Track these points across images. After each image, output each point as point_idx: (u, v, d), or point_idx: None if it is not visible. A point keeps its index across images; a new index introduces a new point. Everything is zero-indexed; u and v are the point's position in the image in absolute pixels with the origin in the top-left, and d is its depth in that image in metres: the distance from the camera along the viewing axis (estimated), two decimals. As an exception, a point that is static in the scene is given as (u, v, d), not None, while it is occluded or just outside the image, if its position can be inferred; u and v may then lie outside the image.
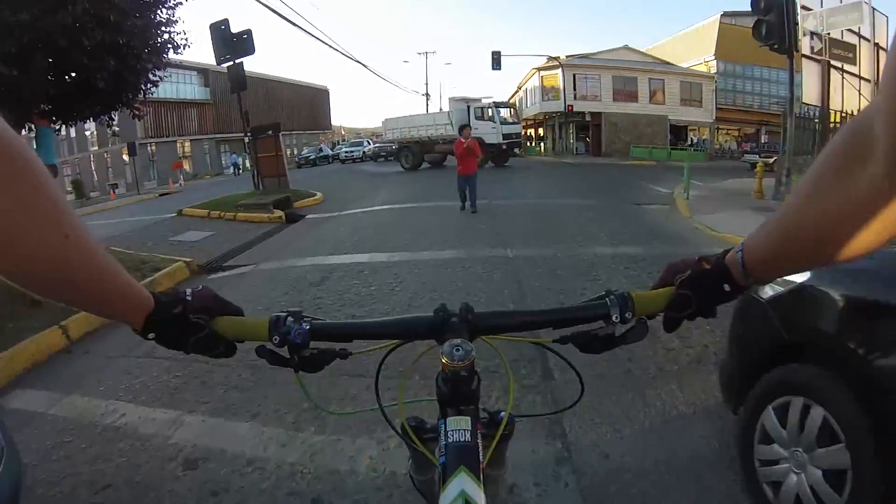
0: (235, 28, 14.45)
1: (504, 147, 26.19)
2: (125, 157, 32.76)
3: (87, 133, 44.33)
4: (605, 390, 3.28)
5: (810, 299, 2.08)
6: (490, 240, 8.02)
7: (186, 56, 8.65)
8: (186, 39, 8.08)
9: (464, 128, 10.86)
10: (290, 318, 0.82)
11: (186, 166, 44.97)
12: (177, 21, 7.95)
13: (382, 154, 38.71)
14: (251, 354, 0.83)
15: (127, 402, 3.57)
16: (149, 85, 8.10)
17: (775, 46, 7.60)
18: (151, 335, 0.78)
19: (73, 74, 6.77)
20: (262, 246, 8.99)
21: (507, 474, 1.16)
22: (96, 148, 45.95)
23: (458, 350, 0.78)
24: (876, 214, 0.57)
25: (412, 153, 28.09)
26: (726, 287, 0.77)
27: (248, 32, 14.21)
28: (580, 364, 0.98)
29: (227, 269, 7.51)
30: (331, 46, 25.93)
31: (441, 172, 22.78)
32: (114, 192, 33.57)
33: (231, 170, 43.67)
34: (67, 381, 4.01)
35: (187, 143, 46.42)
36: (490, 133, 25.57)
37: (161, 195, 26.43)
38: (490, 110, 26.70)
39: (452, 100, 28.74)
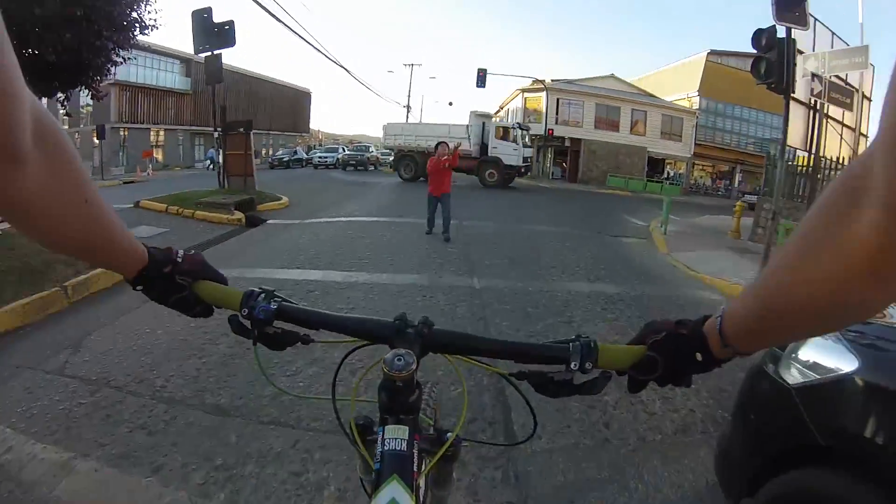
0: (219, 18, 13.82)
1: (522, 170, 25.95)
2: (95, 140, 31.54)
3: (61, 112, 43.00)
4: (580, 466, 2.85)
5: (857, 395, 1.64)
6: (457, 265, 7.51)
7: (170, 44, 8.13)
8: (156, 21, 7.52)
9: (440, 144, 9.90)
10: (262, 295, 0.90)
11: (158, 156, 43.98)
12: (150, 2, 7.41)
13: (351, 163, 38.17)
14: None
15: (18, 432, 3.02)
16: (110, 65, 7.48)
17: (773, 85, 7.37)
18: (140, 287, 0.88)
19: (28, 48, 6.19)
20: (213, 250, 8.37)
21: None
22: (66, 128, 44.47)
23: (399, 360, 0.79)
24: (876, 266, 0.49)
25: (415, 163, 26.62)
26: (698, 356, 0.75)
27: (231, 23, 13.61)
28: (547, 403, 0.81)
29: (172, 273, 6.93)
30: (316, 49, 25.49)
31: (421, 186, 22.34)
32: (77, 175, 32.37)
33: (206, 164, 42.64)
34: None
35: (161, 132, 45.30)
36: (511, 154, 25.35)
37: (125, 182, 25.75)
38: (514, 131, 26.24)
39: (474, 114, 27.56)
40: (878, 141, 0.47)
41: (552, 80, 38.58)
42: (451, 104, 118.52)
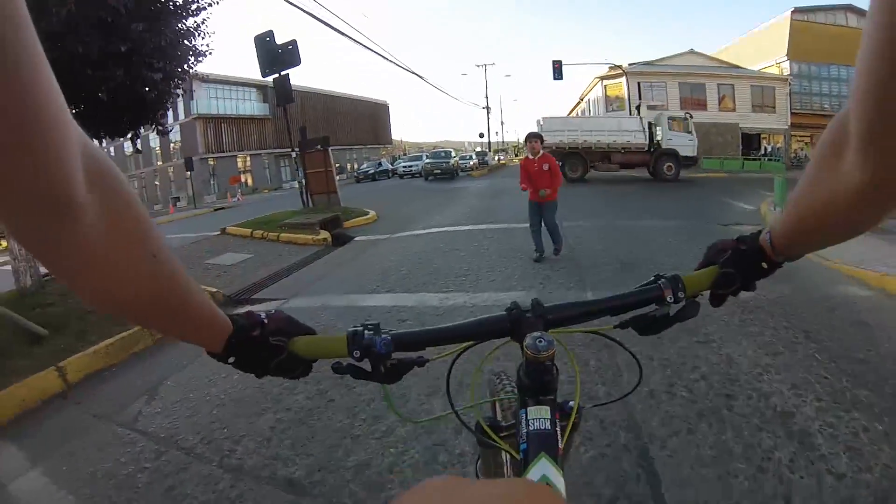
0: (281, 39, 13.76)
1: (691, 162, 24.38)
2: (186, 173, 33.15)
3: (130, 150, 45.90)
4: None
5: None
6: (564, 276, 6.57)
7: (244, 73, 7.93)
8: (208, 46, 7.21)
9: (533, 138, 7.48)
10: (367, 331, 0.85)
11: (248, 180, 45.76)
12: (202, 30, 7.13)
13: (436, 171, 32.52)
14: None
15: (80, 499, 2.78)
16: (169, 98, 7.26)
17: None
18: (231, 359, 0.81)
19: (84, 90, 6.01)
20: (297, 275, 7.98)
21: None
22: (160, 163, 47.22)
23: (540, 341, 0.80)
24: (861, 195, 0.59)
25: (581, 161, 24.87)
26: (764, 265, 0.85)
27: (294, 43, 13.51)
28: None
29: (254, 303, 6.59)
30: (387, 59, 25.14)
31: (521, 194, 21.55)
32: (173, 205, 34.15)
33: (295, 184, 43.88)
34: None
35: (247, 158, 47.18)
36: (686, 145, 24.01)
37: (216, 209, 26.66)
38: (687, 122, 24.72)
39: (650, 107, 26.28)
40: (852, 92, 0.52)
41: (630, 64, 36.79)
42: (515, 100, 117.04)
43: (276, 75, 13.86)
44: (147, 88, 6.63)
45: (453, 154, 38.42)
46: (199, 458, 3.01)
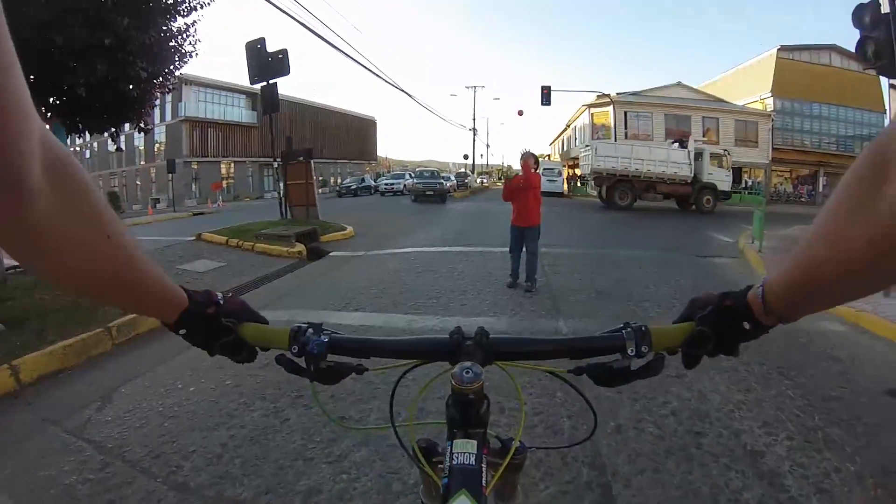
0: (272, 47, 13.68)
1: (726, 196, 24.59)
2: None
3: (112, 148, 45.39)
4: None
5: None
6: (538, 302, 6.46)
7: (235, 79, 7.82)
8: (194, 46, 7.09)
9: (528, 156, 7.24)
10: (310, 330, 0.87)
11: (229, 187, 45.43)
12: (190, 33, 7.02)
13: (428, 192, 28.76)
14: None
15: None
16: (151, 98, 7.12)
17: (883, 70, 6.27)
18: (182, 331, 0.82)
19: (64, 83, 5.86)
20: (268, 287, 7.84)
21: None
22: (143, 163, 46.72)
23: (467, 373, 0.79)
24: None
25: (630, 188, 24.51)
26: (746, 325, 0.77)
27: (284, 52, 13.43)
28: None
29: (222, 313, 6.44)
30: (377, 75, 25.18)
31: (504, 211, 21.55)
32: (153, 207, 33.77)
33: (277, 194, 43.56)
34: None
35: (231, 165, 46.88)
36: (724, 181, 24.41)
37: (195, 214, 26.31)
38: (725, 159, 25.22)
39: (695, 140, 26.24)
40: None
41: (618, 94, 37.28)
42: (502, 124, 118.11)
43: (265, 83, 13.77)
44: (130, 86, 6.49)
45: (441, 174, 37.59)
46: (144, 472, 2.85)
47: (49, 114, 6.22)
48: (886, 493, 2.54)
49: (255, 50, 13.56)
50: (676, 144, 25.53)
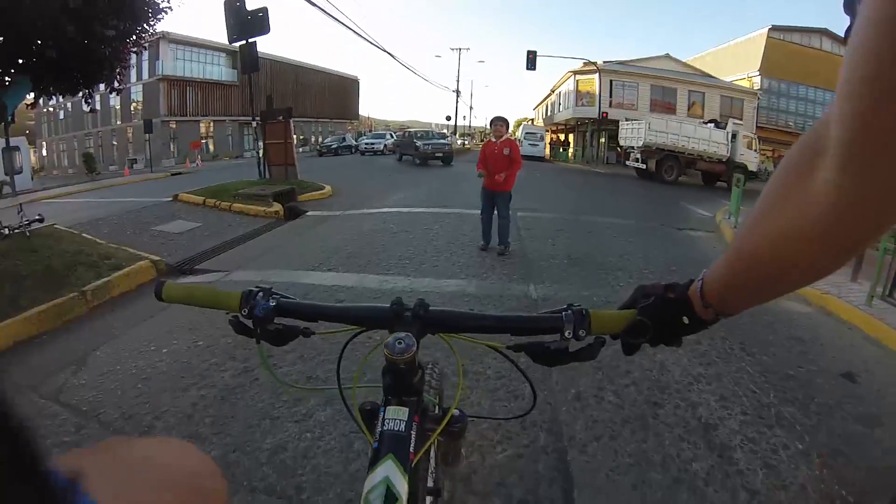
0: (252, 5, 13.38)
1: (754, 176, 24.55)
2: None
3: (86, 109, 44.09)
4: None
5: None
6: (509, 267, 6.49)
7: (214, 37, 7.54)
8: (168, 2, 6.89)
9: (498, 122, 7.14)
10: (259, 294, 0.93)
11: (209, 146, 44.65)
12: None
13: (437, 155, 26.75)
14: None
15: None
16: (125, 57, 6.94)
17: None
18: None
19: (33, 44, 5.70)
20: (244, 247, 7.82)
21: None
22: (119, 122, 45.66)
23: (399, 343, 0.81)
24: (829, 231, 0.52)
25: (678, 164, 24.74)
26: (685, 319, 0.77)
27: (264, 10, 13.17)
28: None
29: (196, 273, 6.43)
30: (361, 35, 24.75)
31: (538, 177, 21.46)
32: (129, 168, 33.16)
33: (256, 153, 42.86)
34: None
35: (211, 124, 45.99)
36: (752, 161, 24.72)
37: (173, 174, 25.93)
38: (755, 141, 25.76)
39: (733, 121, 26.23)
40: (831, 107, 0.47)
41: (605, 62, 37.01)
42: (487, 87, 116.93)
43: (244, 42, 13.50)
44: (102, 46, 6.32)
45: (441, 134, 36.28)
46: (118, 432, 2.91)
47: (13, 71, 6.06)
48: (831, 472, 2.63)
49: (234, 8, 13.30)
50: (712, 125, 25.83)
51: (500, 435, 2.75)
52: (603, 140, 39.77)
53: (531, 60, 29.01)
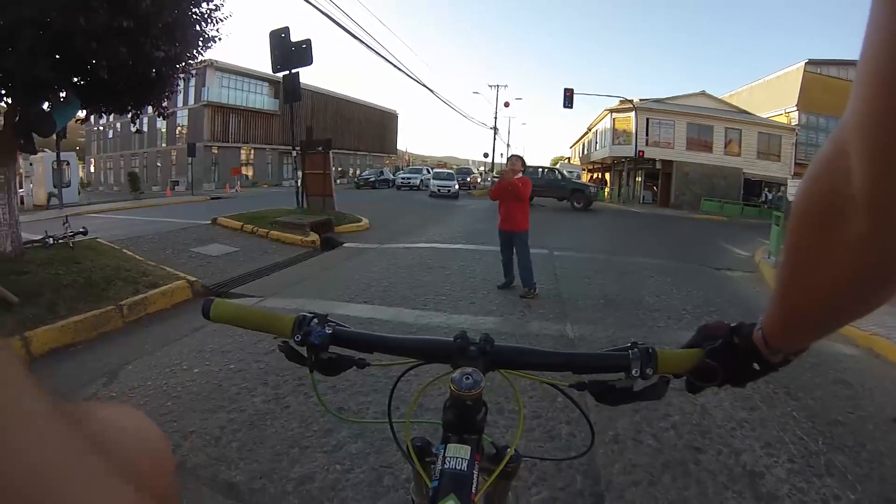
0: (296, 37, 13.72)
1: None
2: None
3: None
4: None
5: None
6: (546, 306, 6.35)
7: (258, 66, 7.73)
8: (218, 31, 7.08)
9: (515, 159, 7.04)
10: (314, 320, 0.88)
11: (248, 173, 45.67)
12: (214, 17, 7.02)
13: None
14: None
15: None
16: (174, 81, 7.13)
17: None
18: None
19: (88, 64, 5.91)
20: (280, 275, 7.88)
21: None
22: (164, 145, 47.13)
23: (467, 378, 0.78)
24: (873, 273, 0.47)
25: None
26: (756, 366, 0.75)
27: (308, 42, 13.46)
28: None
29: (231, 297, 6.48)
30: (400, 69, 25.13)
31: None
32: (171, 189, 34.05)
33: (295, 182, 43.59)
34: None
35: (251, 151, 47.16)
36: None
37: (213, 198, 26.53)
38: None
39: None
40: (845, 139, 0.42)
41: (640, 100, 36.95)
42: (524, 124, 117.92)
43: (287, 72, 13.82)
44: (153, 70, 6.51)
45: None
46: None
47: (66, 91, 6.28)
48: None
49: (279, 39, 13.61)
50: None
51: (536, 476, 2.64)
52: (639, 179, 39.45)
53: (568, 98, 29.10)
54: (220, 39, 7.18)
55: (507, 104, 51.25)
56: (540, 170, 29.28)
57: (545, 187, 27.13)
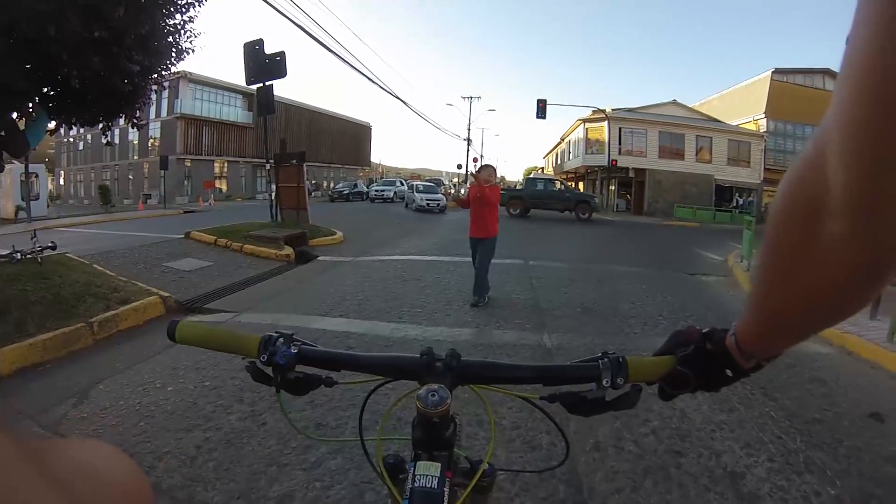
0: (270, 49, 13.69)
1: None
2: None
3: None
4: None
5: None
6: (523, 316, 6.33)
7: (232, 79, 7.68)
8: (191, 42, 7.04)
9: (485, 168, 7.24)
10: (280, 340, 0.88)
11: (222, 186, 45.21)
12: (188, 29, 6.97)
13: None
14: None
15: None
16: (146, 93, 7.06)
17: None
18: None
19: (58, 73, 5.82)
20: (254, 289, 7.78)
21: None
22: (136, 157, 46.44)
23: (433, 395, 0.78)
24: (853, 275, 0.46)
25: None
26: (728, 372, 0.74)
27: (282, 55, 13.44)
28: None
29: (205, 312, 6.38)
30: (373, 81, 25.17)
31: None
32: (143, 203, 33.56)
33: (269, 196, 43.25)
34: None
35: (225, 164, 46.71)
36: None
37: (186, 212, 26.19)
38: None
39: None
40: (826, 140, 0.42)
41: (613, 109, 37.46)
42: (497, 135, 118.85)
43: (261, 84, 13.75)
44: (125, 80, 6.43)
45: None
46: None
47: (34, 102, 6.17)
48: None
49: (253, 51, 13.59)
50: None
51: (518, 487, 2.62)
52: (613, 188, 39.91)
53: (541, 109, 29.34)
54: (193, 51, 7.12)
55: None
56: (540, 182, 29.36)
57: (547, 199, 27.40)
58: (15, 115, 6.25)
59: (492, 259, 7.04)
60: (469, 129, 57.91)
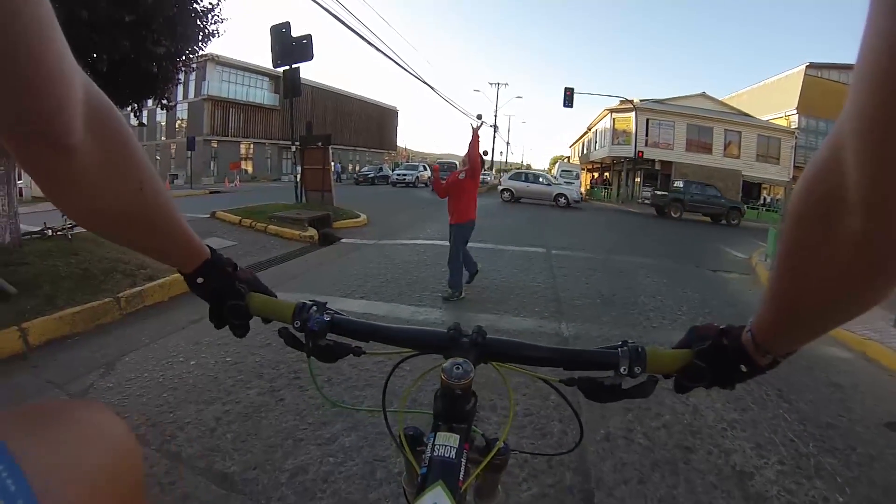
0: (297, 32, 13.75)
1: None
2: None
3: (133, 122, 45.57)
4: None
5: None
6: (542, 304, 6.37)
7: (259, 61, 7.72)
8: (217, 26, 7.11)
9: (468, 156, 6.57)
10: (314, 308, 0.90)
11: (248, 168, 45.58)
12: (215, 14, 7.05)
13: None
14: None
15: None
16: (174, 76, 7.15)
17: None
18: (200, 279, 0.86)
19: (89, 56, 5.92)
20: (278, 268, 7.91)
21: None
22: (164, 138, 47.03)
23: (457, 368, 0.80)
24: (868, 273, 0.48)
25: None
26: (743, 368, 0.75)
27: (308, 38, 13.49)
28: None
29: (229, 291, 6.50)
30: (401, 66, 25.04)
31: (528, 210, 21.36)
32: (170, 183, 34.00)
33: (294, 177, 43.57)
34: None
35: (251, 146, 47.06)
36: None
37: (212, 192, 26.43)
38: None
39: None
40: (842, 138, 0.42)
41: (641, 100, 36.97)
42: (524, 122, 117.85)
43: (288, 67, 13.84)
44: (153, 63, 6.54)
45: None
46: (140, 439, 2.89)
47: None
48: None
49: (280, 34, 13.65)
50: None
51: (527, 472, 2.67)
52: (638, 179, 39.50)
53: (568, 97, 29.11)
54: (220, 34, 7.20)
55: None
56: (696, 185, 26.92)
57: (703, 204, 25.66)
58: None
59: (463, 248, 6.72)
60: (496, 116, 57.55)
